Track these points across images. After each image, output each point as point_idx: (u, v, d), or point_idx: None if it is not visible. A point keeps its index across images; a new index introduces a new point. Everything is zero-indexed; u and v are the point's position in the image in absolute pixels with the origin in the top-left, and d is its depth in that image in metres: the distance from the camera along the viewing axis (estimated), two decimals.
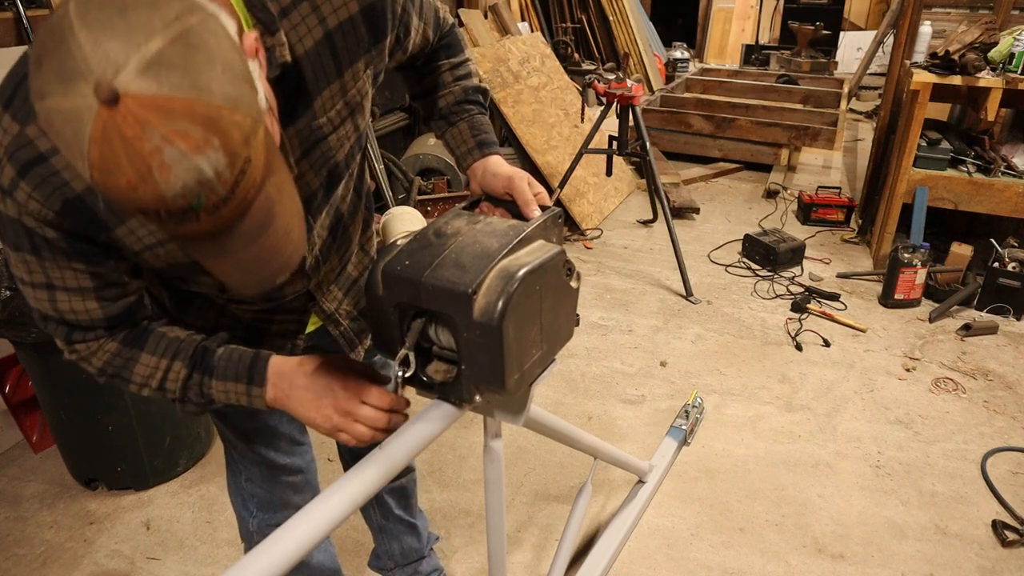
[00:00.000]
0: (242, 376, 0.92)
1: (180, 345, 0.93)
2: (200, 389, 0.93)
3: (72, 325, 0.89)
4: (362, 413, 0.91)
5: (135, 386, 0.94)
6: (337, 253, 1.11)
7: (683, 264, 3.31)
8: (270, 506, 1.31)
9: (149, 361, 0.92)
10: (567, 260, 0.94)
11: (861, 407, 2.50)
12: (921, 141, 3.29)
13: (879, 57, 7.03)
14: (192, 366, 0.92)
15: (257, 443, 1.24)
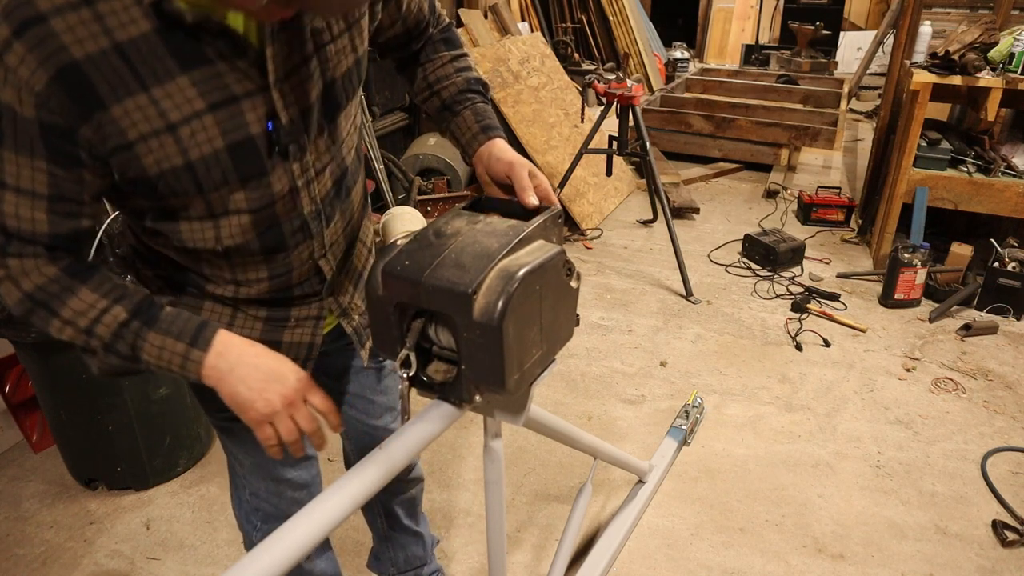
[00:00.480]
0: (185, 335, 0.85)
1: (125, 291, 0.86)
2: (133, 340, 0.84)
3: (10, 234, 0.80)
4: (302, 412, 0.89)
5: (58, 322, 0.84)
6: (341, 216, 1.05)
7: (683, 264, 3.31)
8: (275, 519, 1.27)
9: (87, 297, 0.83)
10: (567, 260, 0.94)
11: (861, 407, 2.50)
12: (921, 141, 3.29)
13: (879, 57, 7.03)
14: (134, 313, 0.84)
15: (263, 457, 1.19)
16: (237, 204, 0.89)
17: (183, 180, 0.83)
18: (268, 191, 0.90)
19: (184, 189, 0.84)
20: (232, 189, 0.87)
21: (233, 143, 0.84)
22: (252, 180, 0.88)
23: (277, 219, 0.94)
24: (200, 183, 0.84)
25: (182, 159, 0.81)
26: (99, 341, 0.85)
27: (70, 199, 0.80)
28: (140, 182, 0.82)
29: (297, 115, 0.88)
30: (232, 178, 0.86)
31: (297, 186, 0.93)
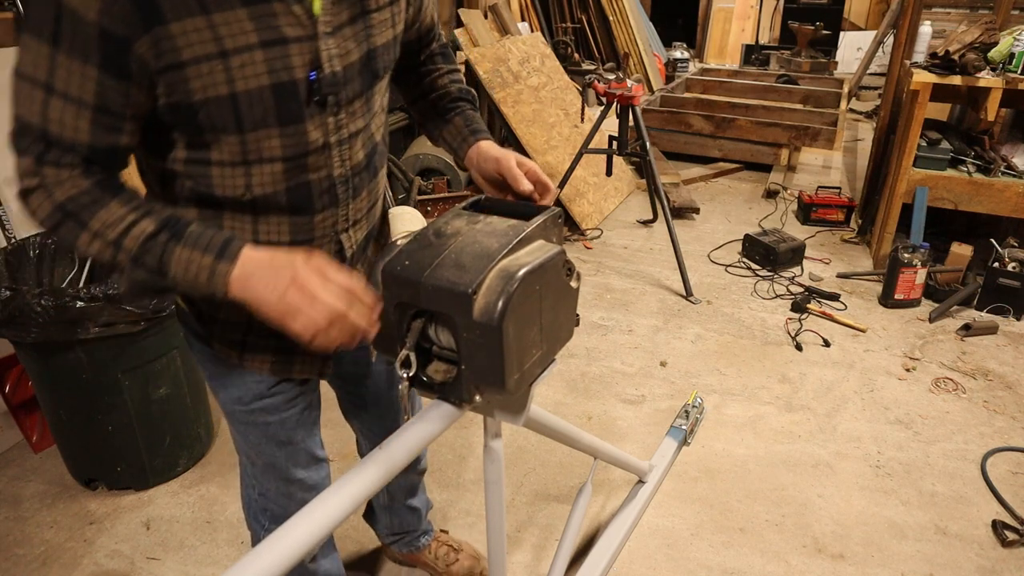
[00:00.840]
0: (212, 249, 0.84)
1: (153, 207, 0.86)
2: (161, 253, 0.84)
3: (51, 142, 0.81)
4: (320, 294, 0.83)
5: (87, 235, 0.84)
6: (368, 194, 1.07)
7: (683, 264, 3.31)
8: (283, 520, 1.27)
9: (117, 210, 0.84)
10: (567, 260, 0.94)
11: (861, 407, 2.50)
12: (921, 141, 3.29)
13: (879, 57, 7.03)
14: (161, 226, 0.84)
15: (276, 456, 1.20)
16: (272, 150, 0.91)
17: (224, 112, 0.85)
18: (303, 139, 0.92)
19: (224, 123, 0.86)
20: (269, 132, 0.89)
21: (277, 83, 0.86)
22: (290, 125, 0.90)
23: (307, 175, 0.95)
24: (241, 119, 0.86)
25: (227, 88, 0.83)
26: (126, 254, 0.84)
27: (114, 112, 0.82)
28: (183, 109, 0.84)
29: (339, 70, 0.92)
30: (271, 119, 0.88)
31: (330, 142, 0.95)
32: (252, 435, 1.18)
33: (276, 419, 1.16)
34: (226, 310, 1.03)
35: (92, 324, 1.77)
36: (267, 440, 1.18)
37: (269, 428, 1.17)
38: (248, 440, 1.19)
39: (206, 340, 1.09)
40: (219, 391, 1.16)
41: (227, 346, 1.08)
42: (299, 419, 1.19)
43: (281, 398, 1.15)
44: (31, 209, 0.85)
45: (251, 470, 1.26)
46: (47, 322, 1.72)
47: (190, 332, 1.13)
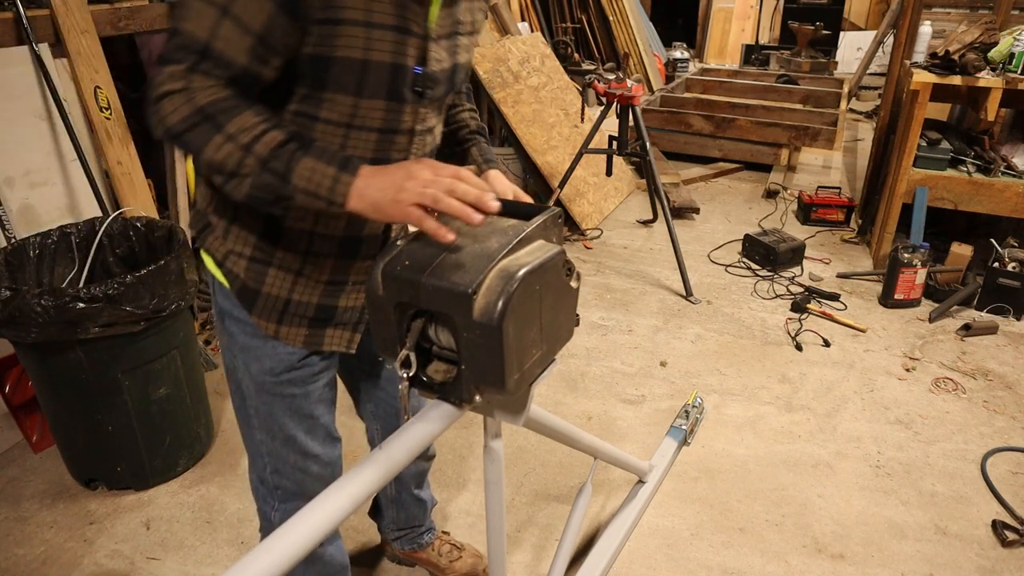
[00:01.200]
0: (335, 161, 0.91)
1: (281, 121, 0.94)
2: (288, 161, 0.90)
3: (209, 55, 0.89)
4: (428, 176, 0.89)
5: (220, 138, 0.90)
6: None
7: (683, 264, 3.31)
8: (296, 496, 1.33)
9: (252, 118, 0.91)
10: (567, 260, 0.94)
11: (861, 407, 2.50)
12: (921, 141, 3.29)
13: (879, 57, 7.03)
14: (290, 137, 0.91)
15: (296, 430, 1.27)
16: (373, 120, 1.03)
17: (353, 74, 0.97)
18: (398, 118, 1.05)
19: (347, 84, 0.97)
20: (377, 103, 1.01)
21: (396, 64, 0.99)
22: (394, 102, 1.03)
23: (390, 152, 1.08)
24: (362, 84, 0.98)
25: (362, 54, 0.95)
26: (255, 158, 0.90)
27: (271, 46, 0.91)
28: (321, 61, 0.95)
29: (436, 71, 1.06)
30: (382, 92, 1.00)
31: (414, 128, 1.09)
32: (277, 407, 1.24)
33: (301, 392, 1.24)
34: (271, 282, 1.12)
35: (92, 324, 1.77)
36: (290, 413, 1.25)
37: (294, 401, 1.24)
38: (272, 413, 1.25)
39: (248, 309, 1.16)
40: (251, 363, 1.21)
41: (265, 318, 1.16)
42: (320, 394, 1.27)
43: (308, 371, 1.22)
44: (165, 112, 0.90)
45: (269, 445, 1.29)
46: (47, 322, 1.72)
47: (229, 305, 1.18)
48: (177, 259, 1.92)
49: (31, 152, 2.30)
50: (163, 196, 2.90)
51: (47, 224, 2.27)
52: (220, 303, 1.20)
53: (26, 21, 2.23)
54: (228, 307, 1.18)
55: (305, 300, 1.15)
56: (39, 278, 2.06)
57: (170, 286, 1.89)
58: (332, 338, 1.20)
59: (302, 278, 1.13)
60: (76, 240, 2.12)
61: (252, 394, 1.24)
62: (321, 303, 1.16)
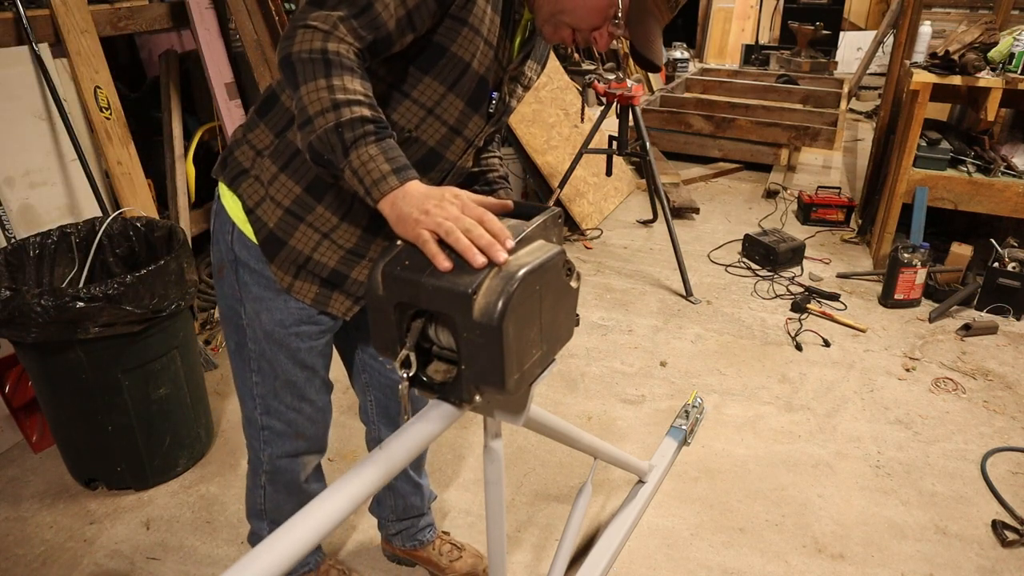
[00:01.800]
0: (394, 163, 0.94)
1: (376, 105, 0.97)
2: (358, 137, 0.93)
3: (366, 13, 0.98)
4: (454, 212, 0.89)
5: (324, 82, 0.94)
6: None
7: (683, 264, 3.31)
8: (283, 436, 1.42)
9: (359, 85, 0.96)
10: (567, 260, 0.94)
11: (861, 407, 2.50)
12: (921, 141, 3.29)
13: (879, 57, 7.03)
14: (374, 120, 0.95)
15: (297, 377, 1.34)
16: (449, 114, 1.14)
17: (456, 70, 1.10)
18: (466, 123, 1.17)
19: (447, 76, 1.10)
20: (459, 102, 1.13)
21: (484, 78, 1.13)
22: (471, 107, 1.16)
23: (447, 149, 1.19)
24: (458, 81, 1.11)
25: (468, 57, 1.09)
26: (335, 117, 0.93)
27: (413, 24, 1.03)
28: (437, 49, 1.08)
29: (501, 103, 1.22)
30: (466, 96, 1.13)
31: (470, 138, 1.20)
32: (282, 355, 1.31)
33: (306, 346, 1.31)
34: (298, 236, 1.19)
35: (92, 324, 1.77)
36: (294, 363, 1.33)
37: (299, 353, 1.31)
38: (277, 360, 1.32)
39: (269, 259, 1.21)
40: (261, 312, 1.27)
41: (284, 270, 1.22)
42: (322, 349, 1.36)
43: (316, 328, 1.30)
44: (297, 39, 0.95)
45: (262, 387, 1.35)
46: (47, 322, 1.72)
47: (247, 255, 1.23)
48: (177, 259, 1.92)
49: (31, 152, 2.29)
50: (163, 196, 2.90)
51: (47, 224, 2.27)
52: (237, 252, 1.24)
53: (26, 21, 2.23)
54: (245, 257, 1.24)
55: (324, 262, 1.22)
56: (39, 278, 2.06)
57: (170, 286, 1.89)
58: (336, 302, 1.28)
59: (327, 240, 1.20)
60: (76, 240, 2.12)
61: (259, 339, 1.30)
62: (336, 268, 1.23)
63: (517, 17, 1.14)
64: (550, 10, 1.11)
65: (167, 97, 2.93)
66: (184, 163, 2.91)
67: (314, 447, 1.48)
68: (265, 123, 1.18)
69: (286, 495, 1.52)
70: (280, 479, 1.49)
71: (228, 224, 1.23)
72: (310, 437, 1.45)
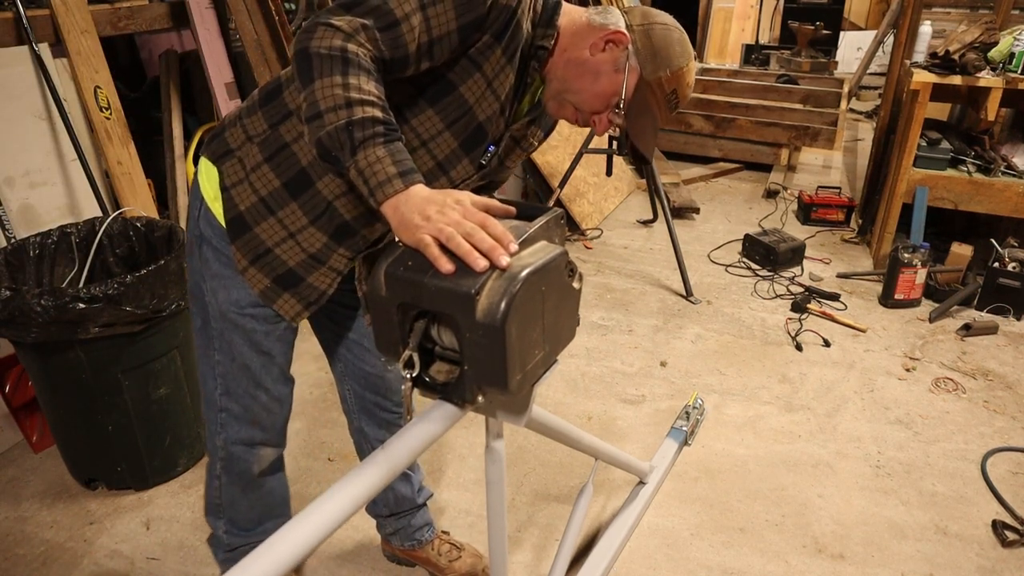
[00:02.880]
0: (399, 166, 0.94)
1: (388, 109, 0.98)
2: (367, 138, 0.93)
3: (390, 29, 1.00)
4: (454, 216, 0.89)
5: (339, 79, 0.94)
6: None
7: (683, 264, 3.31)
8: (240, 421, 1.39)
9: (372, 87, 0.97)
10: (569, 261, 0.94)
11: (861, 407, 2.50)
12: (921, 141, 3.29)
13: (879, 57, 7.03)
14: (384, 122, 0.95)
15: (253, 361, 1.32)
16: (443, 151, 1.16)
17: (458, 110, 1.12)
18: (455, 164, 1.18)
19: (448, 114, 1.12)
20: (451, 141, 1.15)
21: (483, 127, 1.15)
22: (463, 149, 1.17)
23: (432, 184, 1.13)
24: (455, 121, 1.13)
25: (472, 101, 1.12)
26: (347, 114, 0.93)
27: (432, 53, 1.05)
28: (448, 85, 1.10)
29: (494, 158, 1.23)
30: (461, 136, 1.15)
31: (456, 181, 1.21)
32: (237, 338, 1.30)
33: (262, 329, 1.30)
34: (265, 227, 1.19)
35: (92, 324, 1.76)
36: (249, 345, 1.31)
37: (254, 336, 1.30)
38: (232, 342, 1.30)
39: (231, 238, 1.22)
40: (219, 291, 1.27)
41: (243, 253, 1.22)
42: (280, 335, 1.33)
43: (271, 312, 1.29)
44: (315, 35, 0.97)
45: (224, 367, 1.34)
46: (47, 322, 1.72)
47: (211, 233, 1.24)
48: (177, 259, 1.92)
49: (31, 152, 2.29)
50: (163, 196, 2.90)
51: (47, 224, 2.26)
52: (202, 229, 1.25)
53: (26, 21, 2.23)
54: (209, 234, 1.24)
55: (283, 259, 1.21)
56: (39, 278, 2.05)
57: (170, 286, 1.89)
58: (285, 303, 1.27)
59: (291, 240, 1.20)
60: (76, 240, 2.11)
61: (217, 317, 1.30)
62: (294, 269, 1.23)
63: (529, 81, 1.17)
64: (558, 87, 1.16)
65: (167, 97, 2.93)
66: (184, 163, 2.91)
67: (271, 439, 1.45)
68: (263, 112, 1.18)
69: (240, 489, 1.49)
70: (234, 468, 1.45)
71: (198, 201, 1.25)
72: (266, 427, 1.42)
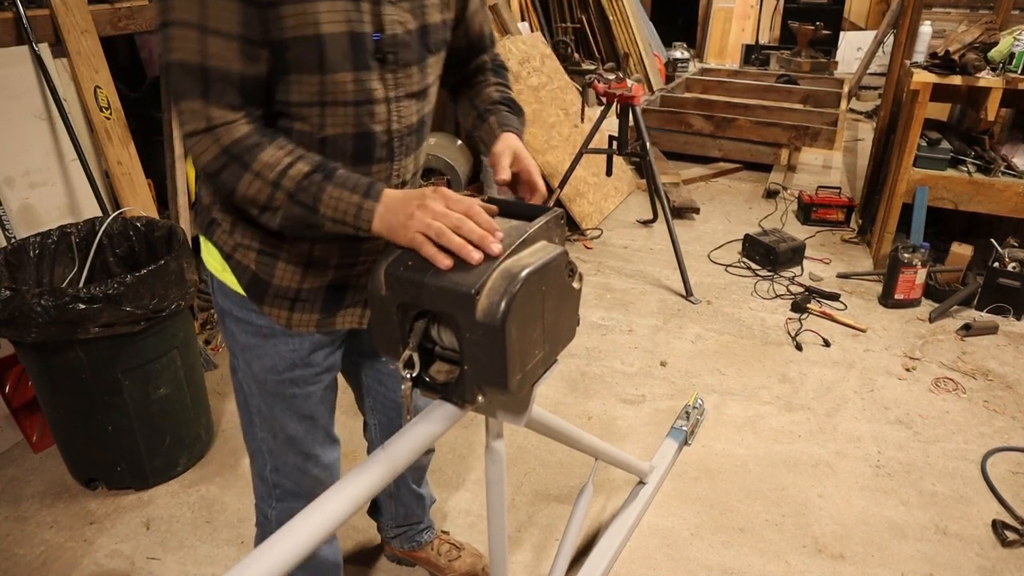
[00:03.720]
0: (360, 188, 0.94)
1: (304, 153, 0.97)
2: (314, 192, 0.94)
3: (211, 78, 0.91)
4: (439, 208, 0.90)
5: (249, 175, 0.94)
6: (414, 159, 1.17)
7: (683, 264, 3.31)
8: (292, 496, 1.35)
9: (274, 153, 0.94)
10: (569, 261, 0.94)
11: (861, 407, 2.50)
12: (921, 141, 3.29)
13: (879, 57, 7.03)
14: (314, 168, 0.94)
15: (297, 430, 1.28)
16: (344, 94, 1.01)
17: (312, 51, 0.96)
18: (368, 87, 1.03)
19: (309, 62, 0.96)
20: (344, 75, 0.99)
21: (353, 32, 0.98)
22: (362, 71, 1.01)
23: (372, 124, 1.06)
24: (324, 58, 0.97)
25: (314, 30, 0.94)
26: (284, 192, 0.94)
27: (254, 40, 0.92)
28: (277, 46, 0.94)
29: (399, 33, 1.04)
30: (347, 63, 0.99)
31: (389, 96, 1.06)
32: (278, 407, 1.25)
33: (302, 392, 1.25)
34: (282, 273, 1.14)
35: (92, 324, 1.76)
36: (291, 413, 1.26)
37: (295, 401, 1.25)
38: (274, 412, 1.25)
39: (258, 302, 1.16)
40: (252, 362, 1.22)
41: (278, 307, 1.16)
42: (322, 396, 1.29)
43: (310, 371, 1.24)
44: (196, 152, 0.95)
45: (270, 443, 1.30)
46: (47, 322, 1.72)
47: (229, 304, 1.19)
48: (177, 259, 1.92)
49: (31, 152, 2.29)
50: (163, 196, 2.89)
51: (47, 224, 2.26)
52: (220, 303, 1.21)
53: (26, 21, 2.23)
54: (228, 306, 1.20)
55: (316, 287, 1.16)
56: (39, 278, 2.05)
57: (170, 286, 1.89)
58: (344, 317, 1.22)
59: (312, 268, 1.15)
60: (76, 240, 2.11)
61: (254, 392, 1.25)
62: (332, 284, 1.17)
63: None
64: None
65: (167, 97, 2.93)
66: (184, 163, 2.91)
67: None
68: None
69: None
70: None
71: (208, 276, 1.21)
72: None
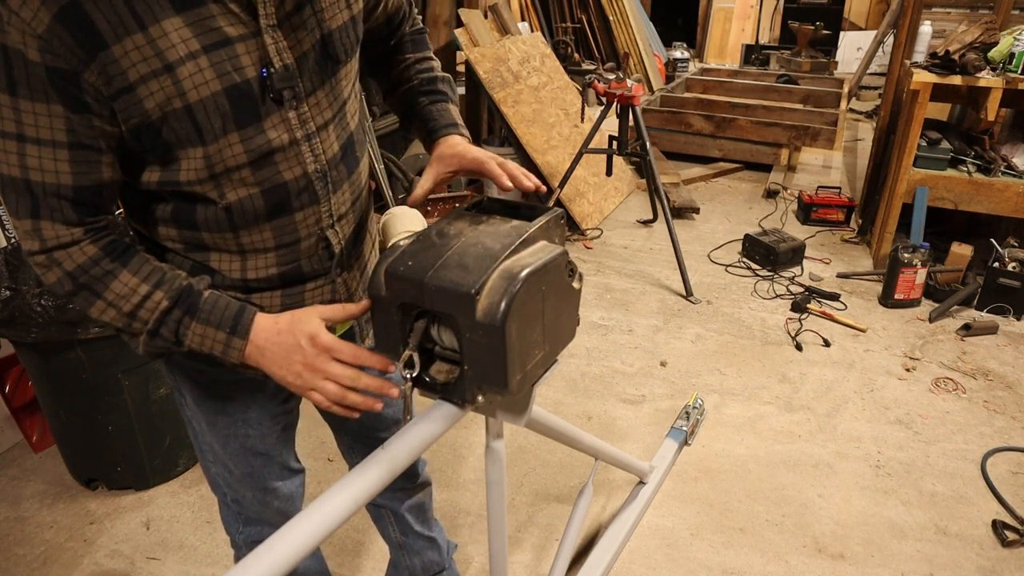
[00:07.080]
0: (225, 324, 0.89)
1: (164, 276, 0.88)
2: (176, 328, 0.88)
3: (34, 193, 0.80)
4: (332, 370, 0.88)
5: (101, 304, 0.86)
6: (350, 187, 1.04)
7: (683, 264, 3.30)
8: (257, 523, 1.31)
9: (129, 281, 0.86)
10: (569, 261, 0.94)
11: (861, 407, 2.50)
12: (921, 141, 3.29)
13: (879, 57, 7.03)
14: (175, 301, 0.87)
15: (253, 465, 1.20)
16: (236, 157, 0.88)
17: (184, 125, 0.82)
18: (265, 138, 0.89)
19: (187, 137, 0.83)
20: (229, 139, 0.86)
21: (230, 86, 0.84)
22: (249, 127, 0.87)
23: (280, 175, 0.92)
24: (200, 129, 0.83)
25: (181, 101, 0.81)
26: (142, 324, 0.87)
27: (88, 146, 0.81)
28: (144, 130, 0.82)
29: (292, 62, 0.89)
30: (230, 124, 0.85)
31: (297, 138, 0.92)
32: (231, 445, 1.17)
33: (257, 433, 1.17)
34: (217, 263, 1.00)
35: (92, 324, 1.76)
36: (245, 451, 1.18)
37: (249, 440, 1.17)
38: (227, 450, 1.18)
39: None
40: (202, 402, 1.14)
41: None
42: (279, 436, 1.22)
43: (267, 413, 1.16)
44: (40, 272, 0.86)
45: (227, 478, 1.24)
46: (47, 322, 1.72)
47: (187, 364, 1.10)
48: None
49: None
50: None
51: None
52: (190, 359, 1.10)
53: None
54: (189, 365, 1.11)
55: (264, 275, 1.00)
56: (39, 278, 2.05)
57: None
58: (314, 292, 1.06)
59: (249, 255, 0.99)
60: None
61: (204, 431, 1.17)
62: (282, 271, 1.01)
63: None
64: None
65: None
66: None
67: None
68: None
69: None
70: None
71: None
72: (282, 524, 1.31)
